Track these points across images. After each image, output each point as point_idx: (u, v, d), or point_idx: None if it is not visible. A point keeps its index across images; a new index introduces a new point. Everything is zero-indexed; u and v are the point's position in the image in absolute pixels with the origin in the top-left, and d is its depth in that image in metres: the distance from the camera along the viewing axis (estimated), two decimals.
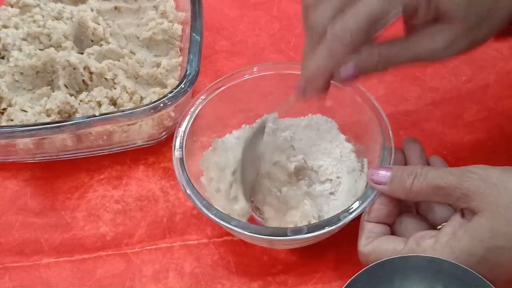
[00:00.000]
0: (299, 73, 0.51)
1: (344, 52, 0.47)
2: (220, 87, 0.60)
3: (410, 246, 0.48)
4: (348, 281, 0.45)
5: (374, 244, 0.50)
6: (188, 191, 0.54)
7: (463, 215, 0.47)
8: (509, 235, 0.44)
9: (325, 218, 0.52)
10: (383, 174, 0.51)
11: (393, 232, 0.52)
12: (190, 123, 0.58)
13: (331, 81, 0.50)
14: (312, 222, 0.54)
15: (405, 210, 0.53)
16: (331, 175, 0.60)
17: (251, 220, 0.57)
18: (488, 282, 0.44)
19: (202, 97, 0.60)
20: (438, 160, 0.56)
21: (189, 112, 0.59)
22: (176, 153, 0.56)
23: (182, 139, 0.57)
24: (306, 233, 0.51)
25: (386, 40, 0.48)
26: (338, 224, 0.51)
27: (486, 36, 0.48)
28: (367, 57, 0.48)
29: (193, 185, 0.54)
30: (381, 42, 0.48)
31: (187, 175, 0.55)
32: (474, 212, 0.46)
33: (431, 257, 0.46)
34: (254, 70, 0.61)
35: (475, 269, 0.44)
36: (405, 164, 0.55)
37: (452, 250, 0.46)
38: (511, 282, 0.45)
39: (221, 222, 0.52)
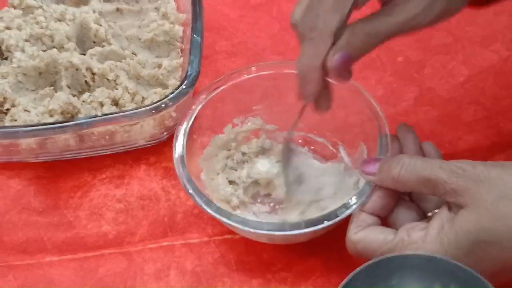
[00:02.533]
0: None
1: (326, 45, 0.47)
2: (220, 86, 0.61)
3: (401, 236, 0.49)
4: (346, 279, 0.45)
5: (364, 232, 0.51)
6: (188, 188, 0.54)
7: (449, 208, 0.48)
8: (494, 231, 0.44)
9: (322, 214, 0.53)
10: (373, 164, 0.52)
11: (385, 220, 0.53)
12: (191, 122, 0.58)
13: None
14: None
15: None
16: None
17: None
18: (487, 282, 0.43)
19: (202, 96, 0.60)
20: (431, 147, 0.56)
21: (190, 111, 0.59)
22: (177, 151, 0.56)
23: (183, 137, 0.57)
24: (304, 228, 0.51)
25: (362, 18, 0.47)
26: (336, 219, 0.52)
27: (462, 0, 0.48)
28: (352, 39, 0.47)
29: (193, 182, 0.54)
30: (357, 21, 0.47)
31: (188, 172, 0.55)
32: (460, 206, 0.46)
33: (430, 255, 0.46)
34: (253, 70, 0.61)
35: (463, 262, 0.44)
36: (402, 153, 0.55)
37: (441, 243, 0.46)
38: (497, 275, 0.45)
39: (221, 217, 0.52)
